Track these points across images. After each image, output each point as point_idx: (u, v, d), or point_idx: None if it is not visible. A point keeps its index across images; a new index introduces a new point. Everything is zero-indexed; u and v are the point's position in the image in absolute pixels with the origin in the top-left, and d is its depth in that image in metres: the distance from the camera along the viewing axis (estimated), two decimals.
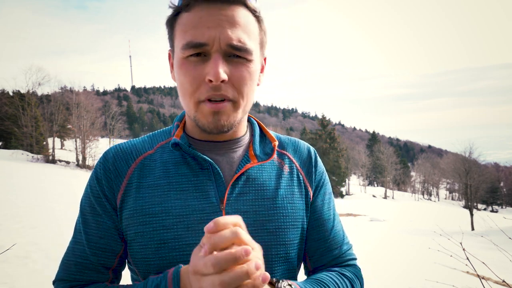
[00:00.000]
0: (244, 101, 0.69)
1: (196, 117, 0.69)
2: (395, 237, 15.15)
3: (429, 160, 78.50)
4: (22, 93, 34.43)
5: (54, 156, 31.26)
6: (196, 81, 0.65)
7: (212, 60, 0.64)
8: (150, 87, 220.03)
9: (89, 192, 0.75)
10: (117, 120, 44.65)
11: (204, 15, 0.64)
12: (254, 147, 0.78)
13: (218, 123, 0.67)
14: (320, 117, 49.82)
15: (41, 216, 7.70)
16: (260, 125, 0.85)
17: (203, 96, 0.66)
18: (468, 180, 30.45)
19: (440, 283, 3.70)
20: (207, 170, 0.72)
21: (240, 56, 0.66)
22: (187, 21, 0.65)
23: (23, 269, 4.46)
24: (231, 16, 0.65)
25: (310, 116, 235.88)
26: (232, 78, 0.66)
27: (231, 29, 0.64)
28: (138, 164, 0.75)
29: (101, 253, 0.73)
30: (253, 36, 0.68)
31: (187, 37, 0.65)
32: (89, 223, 0.74)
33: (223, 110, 0.67)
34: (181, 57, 0.67)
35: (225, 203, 0.70)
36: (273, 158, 0.80)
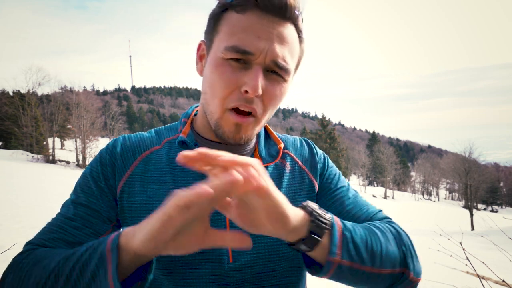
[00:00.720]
0: (266, 118, 0.70)
1: (219, 122, 0.68)
2: None
3: (429, 160, 78.52)
4: (22, 93, 34.46)
5: (54, 156, 31.26)
6: (230, 87, 0.64)
7: (253, 71, 0.62)
8: (150, 87, 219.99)
9: (87, 173, 0.73)
10: (117, 120, 44.65)
11: (256, 23, 0.62)
12: (260, 148, 0.78)
13: (238, 135, 0.68)
14: (320, 117, 49.82)
15: (41, 216, 7.70)
16: (265, 126, 0.84)
17: (232, 104, 0.65)
18: (468, 180, 30.47)
19: (440, 283, 3.70)
20: None
21: (279, 74, 0.65)
22: (237, 23, 0.63)
23: None
24: (282, 33, 0.63)
25: (310, 116, 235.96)
26: (265, 94, 0.65)
27: (279, 45, 0.63)
28: (144, 158, 0.74)
29: (85, 229, 0.68)
30: (295, 57, 0.68)
31: (234, 39, 0.63)
32: (81, 200, 0.71)
33: (246, 125, 0.67)
34: (220, 57, 0.64)
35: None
36: (281, 162, 0.80)
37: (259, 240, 0.70)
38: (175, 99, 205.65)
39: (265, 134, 0.83)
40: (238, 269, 0.68)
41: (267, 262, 0.70)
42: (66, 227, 0.68)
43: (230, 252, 0.68)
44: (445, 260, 8.28)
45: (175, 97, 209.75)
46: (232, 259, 0.68)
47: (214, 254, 0.68)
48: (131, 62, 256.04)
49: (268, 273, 0.70)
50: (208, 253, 0.67)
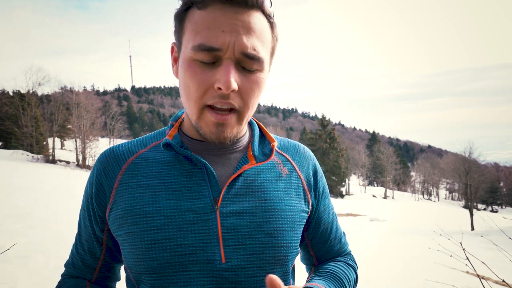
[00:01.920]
0: (249, 112, 0.68)
1: (198, 124, 0.67)
2: (395, 237, 15.14)
3: (429, 160, 78.51)
4: (22, 93, 34.43)
5: (54, 156, 31.25)
6: (203, 86, 0.62)
7: (223, 67, 0.60)
8: (150, 87, 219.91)
9: (83, 195, 0.79)
10: (117, 120, 44.62)
11: (219, 17, 0.60)
12: (253, 147, 0.76)
13: (221, 135, 0.66)
14: (320, 117, 49.80)
15: (41, 216, 7.70)
16: (260, 126, 0.83)
17: (208, 101, 0.63)
18: (468, 180, 30.44)
19: (440, 283, 3.70)
20: (200, 170, 0.70)
21: (251, 65, 0.63)
22: (200, 20, 0.61)
23: (23, 269, 4.46)
24: (248, 22, 0.61)
25: (310, 116, 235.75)
26: (242, 88, 0.63)
27: (246, 36, 0.60)
28: (129, 164, 0.73)
29: (84, 253, 0.78)
30: (266, 45, 0.65)
31: (199, 38, 0.61)
32: (81, 226, 0.79)
33: (228, 122, 0.65)
34: (189, 57, 0.63)
35: (220, 203, 0.68)
36: (272, 159, 0.78)
37: (252, 240, 0.68)
38: (175, 99, 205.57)
39: (260, 133, 0.82)
40: (231, 270, 0.66)
41: (261, 265, 0.68)
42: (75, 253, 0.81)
43: (222, 251, 0.66)
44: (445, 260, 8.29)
45: (175, 97, 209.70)
46: (225, 259, 0.66)
47: (205, 254, 0.66)
48: (131, 62, 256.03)
49: (262, 277, 0.68)
50: (199, 253, 0.65)
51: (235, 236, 0.67)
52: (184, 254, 0.65)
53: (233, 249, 0.67)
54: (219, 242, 0.66)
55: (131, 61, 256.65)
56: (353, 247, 0.93)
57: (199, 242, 0.65)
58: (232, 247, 0.67)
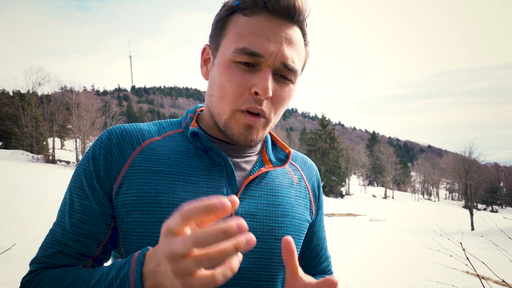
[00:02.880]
0: (275, 120, 0.70)
1: (228, 123, 0.67)
2: (395, 237, 15.14)
3: (429, 160, 78.62)
4: (22, 93, 34.46)
5: (54, 156, 31.27)
6: (240, 88, 0.64)
7: (262, 73, 0.63)
8: (150, 87, 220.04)
9: (80, 172, 0.69)
10: (117, 120, 44.64)
11: (266, 26, 0.63)
12: (268, 152, 0.78)
13: (249, 136, 0.67)
14: (320, 117, 49.85)
15: (41, 216, 7.70)
16: (271, 133, 0.84)
17: (243, 106, 0.65)
18: (468, 180, 30.45)
19: (440, 283, 3.70)
20: (219, 166, 0.70)
21: (287, 76, 0.66)
22: (246, 26, 0.64)
23: (23, 269, 4.46)
24: (290, 35, 0.65)
25: (310, 116, 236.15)
26: (274, 96, 0.66)
27: (288, 48, 0.64)
28: (144, 148, 0.70)
29: (82, 239, 0.66)
30: (301, 59, 0.69)
31: (243, 42, 0.63)
32: (75, 206, 0.67)
33: (257, 125, 0.67)
34: (229, 59, 0.64)
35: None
36: (285, 167, 0.80)
37: (262, 245, 0.68)
38: (175, 99, 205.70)
39: (271, 140, 0.83)
40: (238, 272, 0.65)
41: (267, 269, 0.68)
42: (63, 240, 0.66)
43: None
44: (445, 260, 8.30)
45: (175, 97, 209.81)
46: None
47: None
48: (131, 62, 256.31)
49: (266, 282, 0.68)
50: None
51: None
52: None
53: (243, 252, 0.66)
54: None
55: (131, 61, 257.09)
56: (353, 247, 0.94)
57: None
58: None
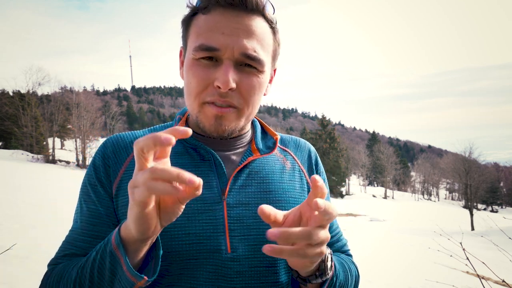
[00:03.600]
0: (249, 110, 0.70)
1: (198, 117, 0.69)
2: (395, 237, 15.15)
3: (429, 160, 78.59)
4: (22, 93, 34.46)
5: (54, 156, 31.28)
6: (203, 83, 0.66)
7: (223, 66, 0.64)
8: (150, 87, 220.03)
9: (86, 181, 0.75)
10: (117, 120, 44.68)
11: (220, 20, 0.64)
12: (256, 141, 0.79)
13: (220, 127, 0.68)
14: (320, 117, 49.84)
15: (41, 216, 7.70)
16: (261, 122, 0.86)
17: (208, 98, 0.66)
18: (468, 180, 30.46)
19: (440, 283, 3.70)
20: (208, 161, 0.72)
21: (251, 65, 0.66)
22: (203, 24, 0.66)
23: (23, 269, 4.46)
24: (248, 26, 0.65)
25: (310, 116, 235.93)
26: (241, 86, 0.66)
27: (246, 39, 0.64)
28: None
29: (92, 240, 0.70)
30: (267, 48, 0.69)
31: (200, 39, 0.65)
32: (84, 211, 0.73)
33: (226, 116, 0.67)
34: (192, 58, 0.67)
35: (227, 193, 0.70)
36: (275, 153, 0.81)
37: (256, 231, 0.69)
38: (175, 99, 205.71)
39: (262, 130, 0.85)
40: (236, 259, 0.67)
41: (265, 255, 0.69)
42: (76, 242, 0.71)
43: (228, 241, 0.68)
44: (445, 260, 8.30)
45: (175, 97, 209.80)
46: (230, 249, 0.67)
47: (211, 244, 0.67)
48: (131, 62, 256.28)
49: (267, 268, 0.69)
50: (205, 242, 0.67)
51: (241, 226, 0.69)
52: (191, 243, 0.66)
53: (238, 240, 0.68)
54: (225, 232, 0.68)
55: (131, 61, 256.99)
56: (353, 247, 0.93)
57: (206, 232, 0.67)
58: (238, 237, 0.68)
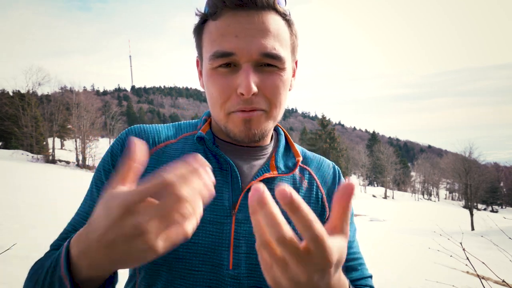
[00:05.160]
0: (277, 111, 0.67)
1: (227, 127, 0.67)
2: (395, 237, 15.15)
3: (429, 160, 78.55)
4: (22, 93, 34.47)
5: (54, 156, 31.29)
6: (226, 92, 0.63)
7: (242, 71, 0.61)
8: (150, 87, 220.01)
9: (100, 166, 0.73)
10: (117, 120, 44.68)
11: (232, 23, 0.61)
12: (277, 158, 0.75)
13: (250, 132, 0.65)
14: (320, 117, 49.84)
15: (41, 216, 7.71)
16: (287, 136, 0.82)
17: (234, 108, 0.64)
18: (468, 180, 30.46)
19: (440, 283, 3.70)
20: (226, 171, 0.70)
21: (272, 64, 0.63)
22: (214, 30, 0.63)
23: (23, 269, 4.45)
24: (261, 23, 0.61)
25: (310, 116, 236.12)
26: (265, 88, 0.63)
27: (262, 38, 0.61)
28: (157, 150, 0.72)
29: None
30: (285, 43, 0.65)
31: (214, 46, 0.63)
32: (94, 195, 0.71)
33: (255, 118, 0.65)
34: (209, 68, 0.64)
35: (237, 208, 0.68)
36: (295, 173, 0.77)
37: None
38: (175, 99, 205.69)
39: (285, 145, 0.80)
40: (236, 277, 0.65)
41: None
42: (77, 226, 0.70)
43: (231, 257, 0.66)
44: (445, 260, 8.29)
45: (175, 97, 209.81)
46: (232, 265, 0.66)
47: (214, 257, 0.65)
48: (131, 62, 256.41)
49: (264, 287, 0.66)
50: (210, 254, 0.65)
51: (246, 244, 0.67)
52: (196, 253, 0.65)
53: (241, 257, 0.66)
54: (229, 248, 0.66)
55: (131, 61, 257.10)
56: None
57: (211, 244, 0.65)
58: (242, 254, 0.66)
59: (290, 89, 0.73)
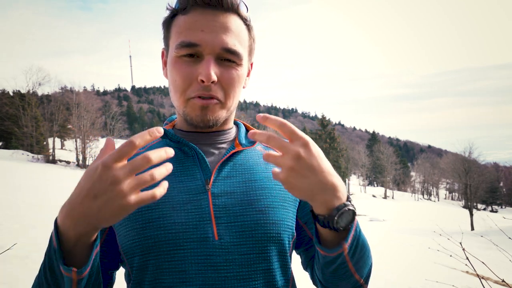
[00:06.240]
0: (230, 102, 0.74)
1: (185, 111, 0.73)
2: (395, 237, 15.16)
3: (429, 160, 78.56)
4: (23, 93, 34.49)
5: (54, 156, 31.30)
6: (188, 79, 0.70)
7: (204, 61, 0.69)
8: (150, 87, 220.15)
9: None
10: (117, 120, 44.64)
11: (199, 19, 0.69)
12: (239, 138, 0.82)
13: (205, 117, 0.72)
14: (320, 117, 49.84)
15: (41, 216, 7.71)
16: (246, 125, 0.90)
17: (193, 94, 0.70)
18: (468, 180, 30.46)
19: (440, 283, 3.70)
20: (192, 157, 0.76)
21: (230, 59, 0.71)
22: (182, 23, 0.70)
23: (23, 269, 4.46)
24: (225, 23, 0.70)
25: (310, 116, 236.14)
26: (222, 79, 0.71)
27: (224, 34, 0.69)
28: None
29: None
30: (243, 43, 0.74)
31: (181, 37, 0.69)
32: None
33: (211, 106, 0.71)
34: (174, 56, 0.71)
35: (211, 184, 0.72)
36: (258, 149, 0.83)
37: (243, 218, 0.70)
38: None
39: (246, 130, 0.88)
40: (224, 247, 0.67)
41: (254, 242, 0.69)
42: None
43: (215, 228, 0.68)
44: (445, 260, 8.29)
45: None
46: (218, 236, 0.68)
47: (198, 232, 0.68)
48: (131, 62, 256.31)
49: (257, 254, 0.69)
50: (192, 230, 0.67)
51: (227, 214, 0.70)
52: (177, 232, 0.67)
53: (225, 227, 0.69)
54: (211, 220, 0.69)
55: (131, 61, 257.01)
56: None
57: (192, 220, 0.68)
58: (224, 224, 0.69)
59: (244, 86, 0.80)
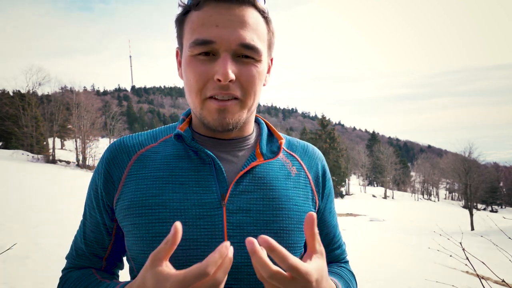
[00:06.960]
0: (251, 101, 0.69)
1: (202, 114, 0.68)
2: (395, 237, 15.16)
3: (429, 160, 78.55)
4: (23, 93, 34.45)
5: (54, 156, 31.28)
6: (203, 78, 0.65)
7: (221, 59, 0.64)
8: (150, 87, 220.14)
9: (89, 186, 0.79)
10: (117, 120, 44.64)
11: (213, 14, 0.64)
12: (261, 145, 0.76)
13: (224, 120, 0.67)
14: (320, 117, 49.84)
15: (41, 216, 7.71)
16: (268, 125, 0.84)
17: (209, 93, 0.65)
18: (468, 180, 30.45)
19: (440, 283, 3.70)
20: (209, 165, 0.71)
21: (249, 56, 0.66)
22: (196, 19, 0.66)
23: (23, 269, 4.46)
24: (241, 16, 0.65)
25: (310, 116, 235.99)
26: (241, 77, 0.66)
27: (241, 29, 0.64)
28: (139, 156, 0.74)
29: (92, 244, 0.77)
30: (262, 37, 0.68)
31: (195, 34, 0.65)
32: (87, 216, 0.78)
33: (229, 108, 0.66)
34: (189, 55, 0.67)
35: (227, 199, 0.68)
36: (281, 158, 0.78)
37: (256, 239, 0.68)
38: (175, 99, 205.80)
39: (268, 132, 0.82)
40: (234, 267, 0.65)
41: None
42: (81, 245, 0.79)
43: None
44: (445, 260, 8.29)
45: (175, 97, 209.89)
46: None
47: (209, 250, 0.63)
48: (131, 62, 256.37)
49: None
50: (203, 248, 0.65)
51: (240, 233, 0.67)
52: (188, 249, 0.65)
53: (237, 246, 0.66)
54: (223, 239, 0.66)
55: (131, 61, 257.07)
56: (353, 247, 0.94)
57: (204, 238, 0.66)
58: (237, 244, 0.66)
59: (265, 84, 0.74)
